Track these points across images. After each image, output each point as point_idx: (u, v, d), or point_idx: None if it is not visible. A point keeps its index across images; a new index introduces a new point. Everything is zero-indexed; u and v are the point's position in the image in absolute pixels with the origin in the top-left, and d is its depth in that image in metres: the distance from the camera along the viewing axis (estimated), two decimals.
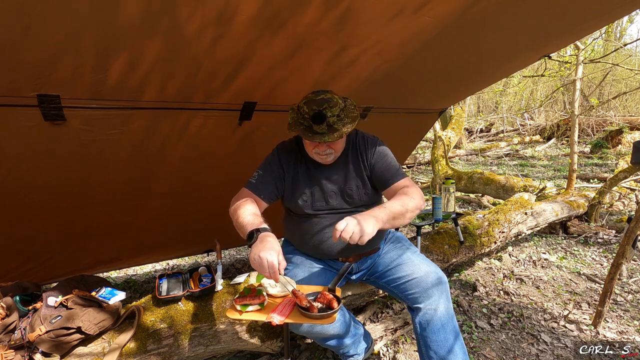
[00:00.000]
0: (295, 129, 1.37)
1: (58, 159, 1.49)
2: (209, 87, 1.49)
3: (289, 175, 1.52)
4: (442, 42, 1.64)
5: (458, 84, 2.46)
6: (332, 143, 1.39)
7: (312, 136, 1.33)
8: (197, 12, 1.09)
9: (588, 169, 6.90)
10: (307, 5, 1.20)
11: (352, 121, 1.38)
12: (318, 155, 1.43)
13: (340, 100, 1.37)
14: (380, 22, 1.39)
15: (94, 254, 2.14)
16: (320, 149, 1.40)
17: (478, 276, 2.68)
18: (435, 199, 2.38)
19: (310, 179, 1.51)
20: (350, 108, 1.40)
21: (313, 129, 1.33)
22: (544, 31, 1.85)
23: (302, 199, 1.50)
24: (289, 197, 1.53)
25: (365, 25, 1.40)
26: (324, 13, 1.26)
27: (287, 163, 1.52)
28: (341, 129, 1.33)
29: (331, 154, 1.43)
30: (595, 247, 3.15)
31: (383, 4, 1.30)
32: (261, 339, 1.69)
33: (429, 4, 1.35)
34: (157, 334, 1.52)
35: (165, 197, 1.99)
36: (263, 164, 1.53)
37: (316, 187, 1.50)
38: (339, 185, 1.50)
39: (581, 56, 4.39)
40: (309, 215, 1.52)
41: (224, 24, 1.17)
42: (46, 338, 1.32)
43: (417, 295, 1.42)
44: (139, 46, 1.16)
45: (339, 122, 1.34)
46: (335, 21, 1.32)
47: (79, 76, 1.20)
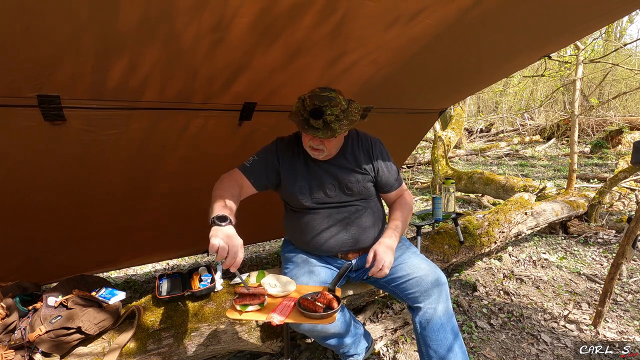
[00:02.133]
0: (294, 118, 1.40)
1: (58, 159, 1.50)
2: (208, 90, 1.50)
3: (285, 166, 1.53)
4: (441, 43, 1.64)
5: (458, 84, 2.46)
6: (325, 140, 1.41)
7: (307, 129, 1.36)
8: (194, 20, 1.11)
9: (588, 169, 6.90)
10: (304, 14, 1.22)
11: (350, 124, 1.39)
12: (311, 149, 1.45)
13: (344, 102, 1.38)
14: (376, 29, 1.42)
15: (94, 254, 2.14)
16: (314, 143, 1.43)
17: (478, 276, 2.68)
18: (435, 199, 2.38)
19: (308, 171, 1.53)
20: (354, 112, 1.42)
21: (310, 123, 1.35)
22: (544, 31, 1.85)
23: (299, 191, 1.51)
24: (286, 188, 1.54)
25: (361, 32, 1.42)
26: (319, 21, 1.29)
27: (284, 155, 1.54)
28: (337, 129, 1.35)
29: (323, 151, 1.45)
30: (595, 247, 3.15)
31: (377, 13, 1.32)
32: (261, 339, 1.69)
33: (425, 12, 1.36)
34: (157, 334, 1.52)
35: (165, 197, 1.99)
36: (260, 151, 1.56)
37: (314, 179, 1.52)
38: (338, 178, 1.52)
39: (581, 56, 4.40)
40: (309, 208, 1.53)
41: (221, 32, 1.19)
42: (46, 338, 1.32)
43: (417, 295, 1.43)
44: (138, 50, 1.17)
45: (336, 122, 1.36)
46: (331, 29, 1.34)
47: (79, 77, 1.21)
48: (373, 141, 1.60)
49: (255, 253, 3.44)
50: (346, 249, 1.56)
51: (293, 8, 1.18)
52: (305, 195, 1.52)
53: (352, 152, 1.55)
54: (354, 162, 1.54)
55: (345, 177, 1.52)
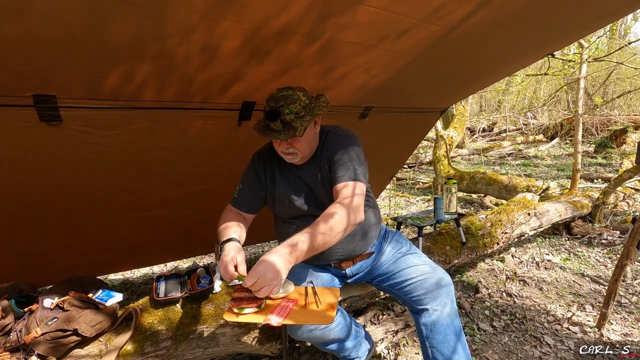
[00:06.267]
0: (256, 128, 1.36)
1: (55, 162, 1.49)
2: (205, 94, 1.52)
3: (266, 180, 1.52)
4: (441, 45, 1.64)
5: (460, 83, 2.45)
6: (294, 142, 1.36)
7: (269, 134, 1.31)
8: (183, 42, 1.16)
9: (592, 168, 6.89)
10: (290, 37, 1.27)
11: (312, 118, 1.33)
12: (284, 154, 1.41)
13: (304, 98, 1.32)
14: (363, 48, 1.47)
15: (92, 257, 2.14)
16: (282, 147, 1.38)
17: (480, 277, 2.68)
18: (437, 199, 2.38)
19: (284, 179, 1.50)
20: (320, 105, 1.35)
21: (270, 127, 1.31)
22: (548, 30, 1.84)
23: (279, 200, 1.50)
24: (270, 202, 1.53)
25: (349, 51, 1.46)
26: (306, 43, 1.34)
27: (263, 169, 1.52)
28: (298, 127, 1.29)
29: (295, 153, 1.39)
30: (599, 248, 3.15)
31: (363, 36, 1.37)
32: (260, 341, 1.69)
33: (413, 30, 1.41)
34: (155, 336, 1.52)
35: (165, 201, 1.99)
36: (242, 176, 1.55)
37: (291, 187, 1.48)
38: (310, 187, 1.47)
39: (585, 54, 4.39)
40: (294, 217, 1.51)
41: (211, 51, 1.25)
42: (42, 340, 1.32)
43: (421, 298, 1.42)
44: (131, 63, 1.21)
45: (297, 120, 1.29)
46: (318, 49, 1.38)
47: (76, 78, 1.21)
48: (341, 134, 1.44)
49: (254, 254, 3.44)
50: (337, 258, 1.54)
51: (279, 32, 1.22)
52: (284, 205, 1.49)
53: (323, 151, 1.46)
54: (323, 164, 1.45)
55: (315, 188, 1.45)
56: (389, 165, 3.22)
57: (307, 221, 1.45)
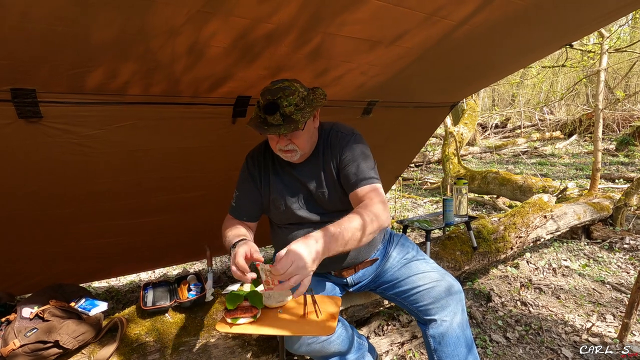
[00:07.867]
0: (252, 124, 1.35)
1: (34, 162, 1.49)
2: (195, 91, 1.53)
3: (261, 183, 1.51)
4: (450, 39, 1.63)
5: (471, 76, 2.45)
6: (294, 137, 1.35)
7: (267, 129, 1.29)
8: (168, 43, 1.18)
9: (613, 168, 6.89)
10: (280, 41, 1.31)
11: (313, 110, 1.33)
12: (282, 152, 1.39)
13: (302, 89, 1.33)
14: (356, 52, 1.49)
15: (75, 264, 2.14)
16: (282, 144, 1.36)
17: (493, 285, 2.68)
18: (446, 201, 2.38)
19: (279, 181, 1.48)
20: (318, 98, 1.36)
21: (268, 121, 1.29)
22: (567, 19, 1.84)
23: (273, 204, 1.49)
24: (266, 207, 1.52)
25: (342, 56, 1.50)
26: (297, 47, 1.36)
27: (258, 171, 1.51)
28: (300, 119, 1.28)
29: (295, 150, 1.38)
30: (621, 254, 3.15)
31: (354, 41, 1.39)
32: (255, 354, 1.69)
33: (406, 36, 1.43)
34: (142, 349, 1.52)
35: (154, 205, 1.99)
36: (238, 181, 1.54)
37: (287, 190, 1.47)
38: (309, 189, 1.46)
39: (606, 45, 4.38)
40: (291, 223, 1.50)
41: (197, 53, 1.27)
42: (20, 352, 1.32)
43: (429, 307, 1.42)
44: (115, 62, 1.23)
45: (297, 113, 1.29)
46: (309, 52, 1.40)
47: (58, 72, 1.21)
48: (345, 132, 1.45)
49: None
50: (338, 266, 1.54)
51: (268, 36, 1.25)
52: (280, 209, 1.48)
53: (325, 149, 1.45)
54: (326, 163, 1.44)
55: (318, 189, 1.44)
56: (394, 164, 3.22)
57: (304, 228, 1.45)
